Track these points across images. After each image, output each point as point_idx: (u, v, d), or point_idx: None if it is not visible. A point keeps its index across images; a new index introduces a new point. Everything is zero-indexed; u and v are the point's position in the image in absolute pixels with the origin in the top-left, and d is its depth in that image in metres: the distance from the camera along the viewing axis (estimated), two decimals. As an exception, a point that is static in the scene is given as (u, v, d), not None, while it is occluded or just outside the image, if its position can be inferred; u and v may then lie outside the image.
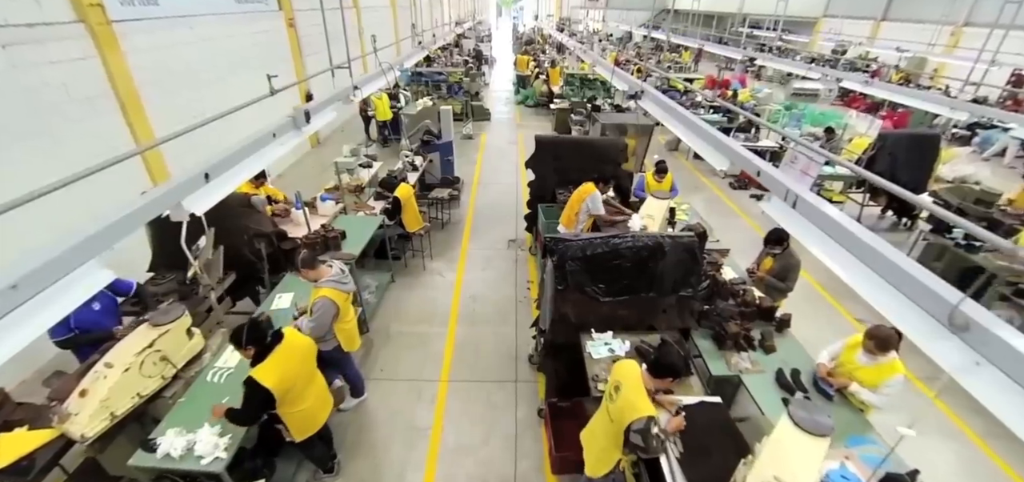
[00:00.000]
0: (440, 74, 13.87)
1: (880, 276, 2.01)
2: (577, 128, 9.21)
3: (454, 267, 6.81)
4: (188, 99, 7.41)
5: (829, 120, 15.07)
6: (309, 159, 11.45)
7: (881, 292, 1.98)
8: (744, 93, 17.50)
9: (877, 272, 2.03)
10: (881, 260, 2.01)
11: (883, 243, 2.05)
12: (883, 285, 1.99)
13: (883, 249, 2.02)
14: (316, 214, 5.86)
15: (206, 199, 2.87)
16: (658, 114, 5.38)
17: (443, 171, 8.57)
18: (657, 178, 6.32)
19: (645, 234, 3.84)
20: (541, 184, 6.55)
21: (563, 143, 6.33)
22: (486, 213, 8.45)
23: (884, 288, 1.98)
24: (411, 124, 8.73)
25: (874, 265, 2.05)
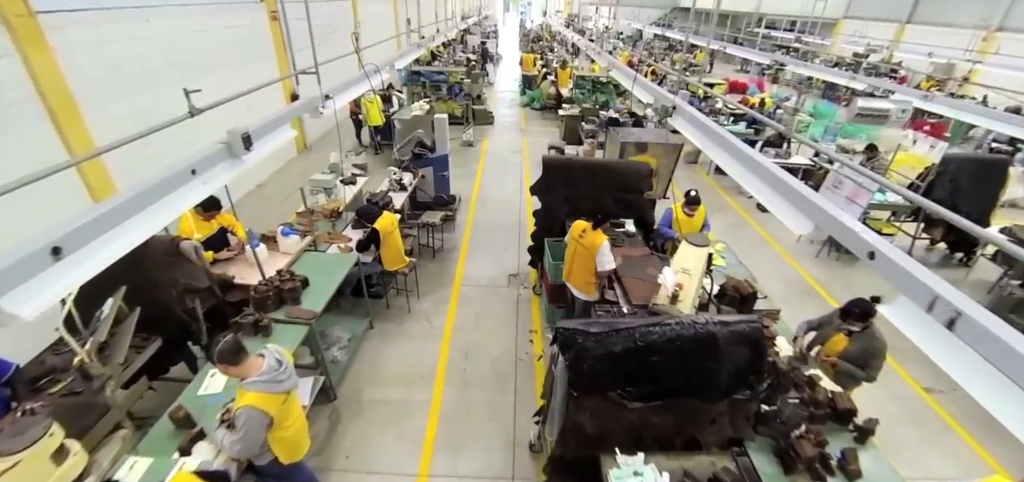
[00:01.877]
0: (440, 74, 12.83)
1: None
2: (589, 141, 8.18)
3: (444, 309, 5.82)
4: (144, 104, 6.43)
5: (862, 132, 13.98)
6: (296, 166, 10.48)
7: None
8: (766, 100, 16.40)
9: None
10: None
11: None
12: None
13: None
14: (277, 252, 4.87)
15: (43, 295, 1.88)
16: (696, 139, 4.35)
17: (437, 189, 7.57)
18: (688, 211, 5.29)
19: (690, 320, 2.83)
20: (549, 214, 5.54)
21: (576, 166, 5.31)
22: (485, 237, 7.45)
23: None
24: (403, 132, 7.73)
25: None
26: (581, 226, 4.51)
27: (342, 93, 5.18)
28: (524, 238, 7.36)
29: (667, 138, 5.99)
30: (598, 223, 4.40)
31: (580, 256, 4.51)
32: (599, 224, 4.39)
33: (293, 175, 9.86)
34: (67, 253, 1.99)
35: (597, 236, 4.35)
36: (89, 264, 2.09)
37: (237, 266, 4.68)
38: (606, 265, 4.32)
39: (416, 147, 7.31)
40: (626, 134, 6.04)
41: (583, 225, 4.50)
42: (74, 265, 2.04)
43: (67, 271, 2.00)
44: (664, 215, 5.46)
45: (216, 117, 3.42)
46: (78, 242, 2.05)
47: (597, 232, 4.38)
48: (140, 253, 2.40)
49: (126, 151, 2.58)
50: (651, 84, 5.71)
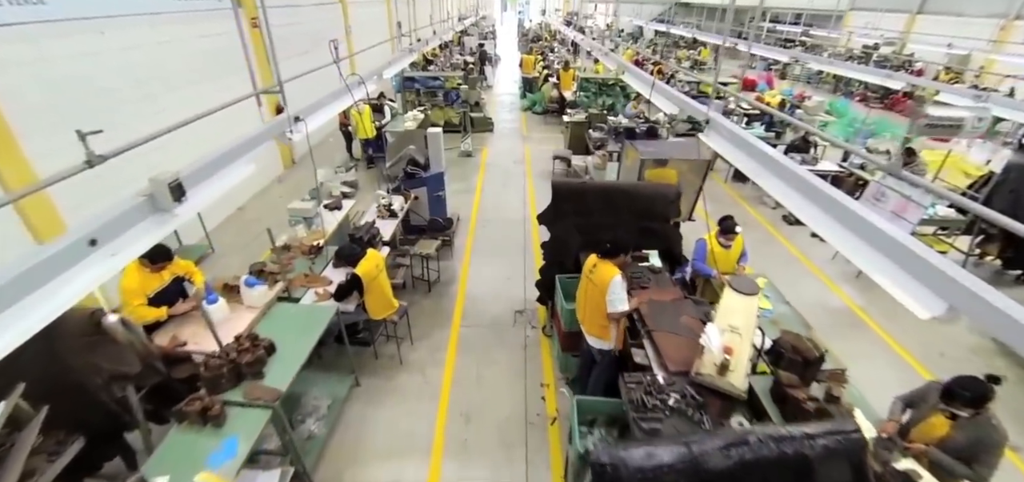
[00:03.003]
0: (436, 79, 12.08)
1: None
2: (599, 154, 7.42)
3: (441, 357, 5.06)
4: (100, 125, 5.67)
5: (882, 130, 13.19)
6: (280, 186, 9.72)
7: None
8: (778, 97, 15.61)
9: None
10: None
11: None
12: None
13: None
14: (239, 306, 4.12)
15: None
16: (740, 161, 3.60)
17: (432, 210, 6.82)
18: (723, 241, 4.54)
19: (771, 435, 2.07)
20: (560, 247, 4.79)
21: (590, 191, 4.55)
22: (486, 263, 6.69)
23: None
24: (393, 148, 6.97)
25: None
26: (593, 259, 3.78)
27: (317, 112, 4.46)
28: (530, 264, 6.63)
29: (695, 151, 5.23)
30: (609, 253, 3.66)
31: (591, 295, 3.77)
32: (611, 254, 3.65)
33: (277, 195, 9.11)
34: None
35: (607, 269, 3.61)
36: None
37: (194, 325, 3.93)
38: (617, 305, 3.57)
39: (408, 165, 6.56)
40: (644, 147, 5.29)
41: (594, 258, 3.77)
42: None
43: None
44: (696, 247, 4.70)
45: (183, 139, 3.04)
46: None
47: (607, 264, 3.63)
48: (51, 335, 1.96)
49: (74, 184, 2.29)
50: (675, 92, 4.95)
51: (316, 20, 11.68)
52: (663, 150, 5.14)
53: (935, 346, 5.38)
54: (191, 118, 3.02)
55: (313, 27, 11.51)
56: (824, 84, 22.92)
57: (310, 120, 4.35)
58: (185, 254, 6.87)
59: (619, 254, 3.66)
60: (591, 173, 7.34)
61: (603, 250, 3.67)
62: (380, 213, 5.88)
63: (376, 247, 5.10)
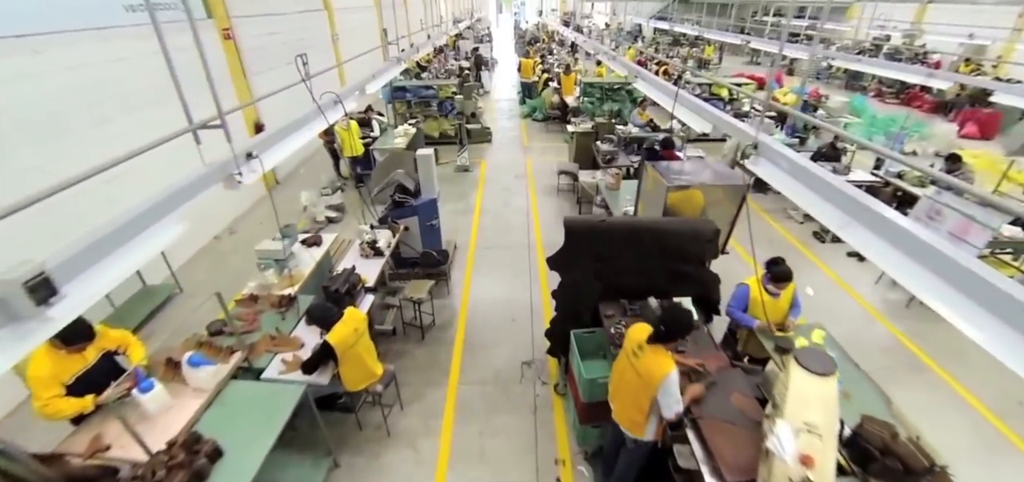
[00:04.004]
0: (428, 88, 11.30)
1: None
2: (612, 171, 6.63)
3: (436, 425, 4.30)
4: (38, 159, 4.94)
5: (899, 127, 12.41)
6: (263, 208, 8.95)
7: None
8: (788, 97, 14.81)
9: None
10: None
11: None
12: None
13: None
14: (185, 389, 3.35)
15: None
16: (799, 195, 2.86)
17: (425, 241, 6.04)
18: (771, 289, 3.76)
19: None
20: (575, 295, 4.02)
21: (611, 231, 3.77)
22: (488, 301, 5.92)
23: None
24: (379, 172, 6.20)
25: None
26: (639, 335, 2.98)
27: (278, 145, 3.70)
28: (537, 300, 5.87)
29: (732, 174, 4.45)
30: (663, 336, 2.86)
31: (631, 384, 2.98)
32: (665, 337, 2.86)
33: (258, 221, 8.36)
34: None
35: (660, 358, 2.81)
36: None
37: (135, 411, 3.15)
38: (672, 409, 2.80)
39: (395, 192, 5.79)
40: (669, 171, 4.51)
41: (641, 334, 2.97)
42: None
43: None
44: (736, 294, 3.92)
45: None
46: None
47: (659, 351, 2.84)
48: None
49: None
50: (705, 106, 4.18)
51: (299, 29, 10.93)
52: (695, 176, 4.37)
53: (1014, 393, 4.60)
54: (125, 155, 2.31)
55: (295, 36, 10.76)
56: (834, 79, 22.12)
57: (275, 151, 3.62)
58: (146, 297, 6.20)
59: (675, 337, 2.85)
60: (603, 193, 6.57)
61: (658, 332, 2.87)
62: (363, 252, 5.11)
63: (357, 299, 4.34)
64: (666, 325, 2.86)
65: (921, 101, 16.37)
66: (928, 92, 16.43)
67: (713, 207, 4.50)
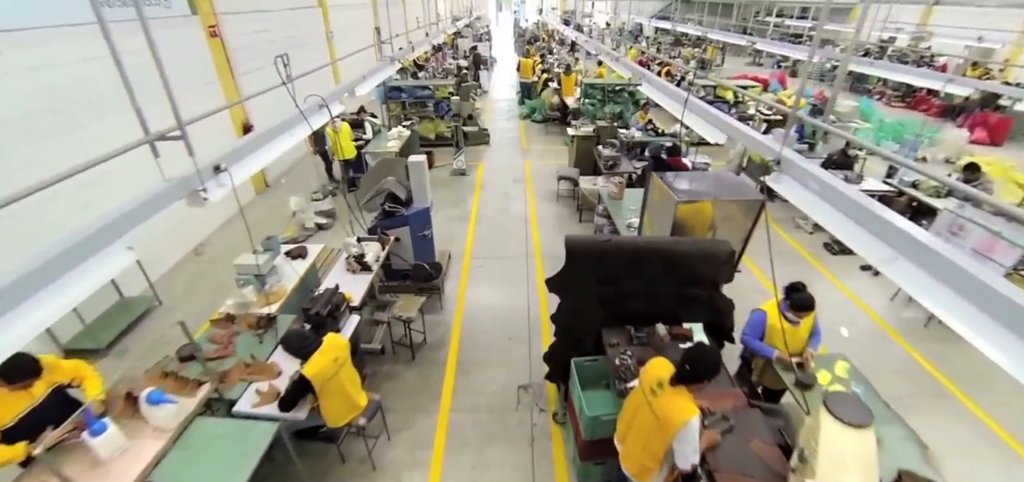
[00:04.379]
0: (425, 88, 10.96)
1: None
2: (615, 180, 6.31)
3: (425, 457, 3.98)
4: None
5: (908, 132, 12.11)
6: (250, 214, 8.58)
7: None
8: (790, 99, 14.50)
9: None
10: None
11: None
12: None
13: None
14: (144, 426, 3.01)
15: None
16: (826, 217, 2.56)
17: (417, 253, 5.72)
18: (791, 317, 3.43)
19: None
20: (576, 320, 3.70)
21: (617, 252, 3.45)
22: (483, 321, 5.59)
23: None
24: (371, 178, 5.86)
25: None
26: (660, 372, 2.66)
27: (254, 154, 3.38)
28: (535, 315, 5.55)
29: (746, 187, 4.13)
30: (687, 376, 2.55)
31: (644, 424, 2.66)
32: (690, 378, 2.54)
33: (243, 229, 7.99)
34: None
35: (682, 401, 2.50)
36: None
37: (82, 459, 2.82)
38: (688, 459, 2.48)
39: (386, 201, 5.46)
40: (679, 184, 4.19)
41: (662, 371, 2.66)
42: None
43: None
44: (751, 320, 3.61)
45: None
46: None
47: (681, 393, 2.53)
48: None
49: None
50: (719, 114, 3.85)
51: (291, 26, 10.57)
52: (705, 189, 4.05)
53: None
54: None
55: (287, 33, 10.40)
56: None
57: (248, 162, 3.29)
58: (122, 310, 5.85)
59: (701, 379, 2.53)
60: (605, 202, 6.24)
61: (679, 371, 2.55)
62: (349, 267, 4.78)
63: (341, 320, 4.01)
64: (691, 364, 2.55)
65: (928, 105, 16.08)
66: (935, 96, 16.13)
67: (725, 222, 4.19)
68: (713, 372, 2.58)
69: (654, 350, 3.47)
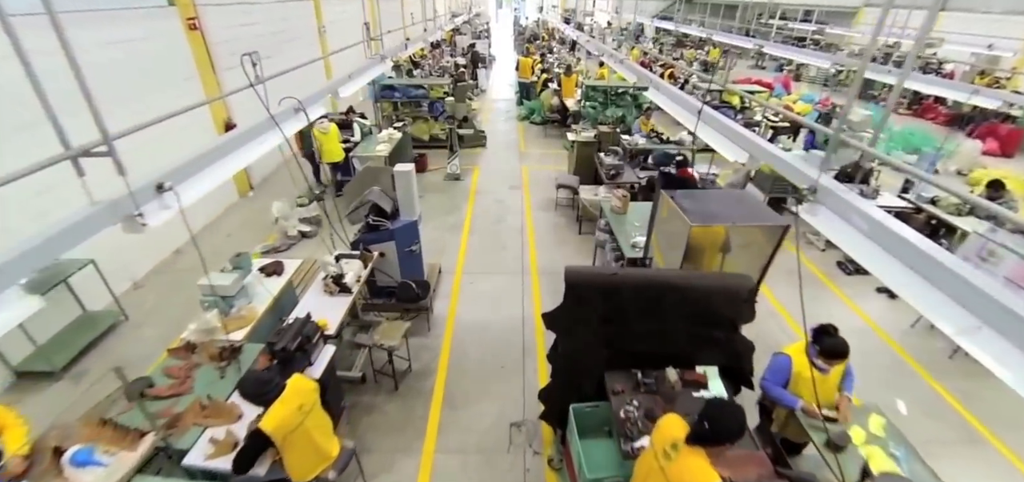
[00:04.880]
0: (419, 88, 10.51)
1: None
2: (618, 193, 5.87)
3: (406, 510, 3.56)
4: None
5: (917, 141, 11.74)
6: (232, 217, 8.16)
7: None
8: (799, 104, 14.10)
9: None
10: None
11: None
12: None
13: None
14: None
15: None
16: (877, 264, 2.17)
17: (404, 269, 5.28)
18: (820, 364, 3.02)
19: None
20: (576, 361, 3.28)
21: (623, 287, 3.03)
22: (474, 345, 5.16)
23: None
24: (355, 187, 5.42)
25: None
26: (673, 431, 2.26)
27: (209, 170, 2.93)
28: (530, 339, 5.13)
29: (762, 210, 3.71)
30: (706, 437, 2.14)
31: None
32: (709, 439, 2.14)
33: (226, 234, 7.57)
34: None
35: (699, 465, 2.10)
36: None
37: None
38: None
39: (370, 214, 5.03)
40: (691, 204, 3.76)
41: (676, 430, 2.25)
42: None
43: None
44: (773, 363, 3.20)
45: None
46: None
47: (698, 456, 2.13)
48: None
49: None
50: (741, 129, 3.42)
51: (279, 19, 10.08)
52: (721, 210, 3.63)
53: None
54: None
55: (276, 27, 9.93)
56: (841, 87, 21.42)
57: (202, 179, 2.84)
58: (84, 326, 5.37)
59: (721, 441, 2.13)
60: (607, 217, 5.82)
61: (697, 430, 2.15)
62: (327, 288, 4.34)
63: (313, 353, 3.57)
64: (711, 423, 2.15)
65: (935, 113, 15.74)
66: (942, 103, 15.79)
67: (743, 249, 3.78)
68: (736, 435, 2.18)
69: (663, 399, 3.07)
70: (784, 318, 5.69)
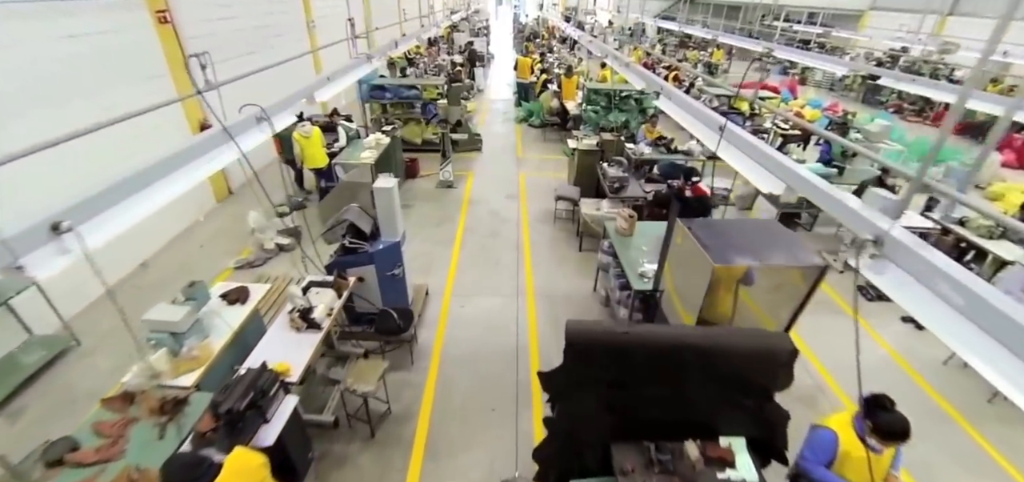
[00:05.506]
0: (411, 88, 9.95)
1: None
2: (625, 214, 5.31)
3: None
4: None
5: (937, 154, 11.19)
6: (211, 224, 7.61)
7: None
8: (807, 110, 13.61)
9: None
10: None
11: None
12: None
13: None
14: None
15: None
16: (961, 344, 1.62)
17: (385, 295, 4.75)
18: (872, 443, 2.51)
19: None
20: (577, 430, 2.76)
21: (636, 347, 2.50)
22: (463, 381, 4.64)
23: None
24: (331, 203, 4.88)
25: None
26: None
27: (130, 200, 2.39)
28: (525, 377, 4.61)
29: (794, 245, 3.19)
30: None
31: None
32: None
33: (199, 244, 7.02)
34: None
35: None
36: None
37: None
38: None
39: (347, 236, 4.49)
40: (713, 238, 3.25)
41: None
42: None
43: None
44: (812, 439, 2.69)
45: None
46: None
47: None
48: None
49: None
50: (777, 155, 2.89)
51: (263, 13, 9.49)
52: (747, 246, 3.12)
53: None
54: None
55: (260, 22, 9.35)
56: (848, 91, 20.94)
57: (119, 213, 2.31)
58: (28, 353, 4.84)
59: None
60: (611, 236, 5.29)
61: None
62: (293, 323, 3.80)
63: (269, 409, 3.03)
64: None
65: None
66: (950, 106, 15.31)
67: (771, 291, 3.26)
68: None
69: (681, 481, 2.55)
70: (809, 360, 5.12)
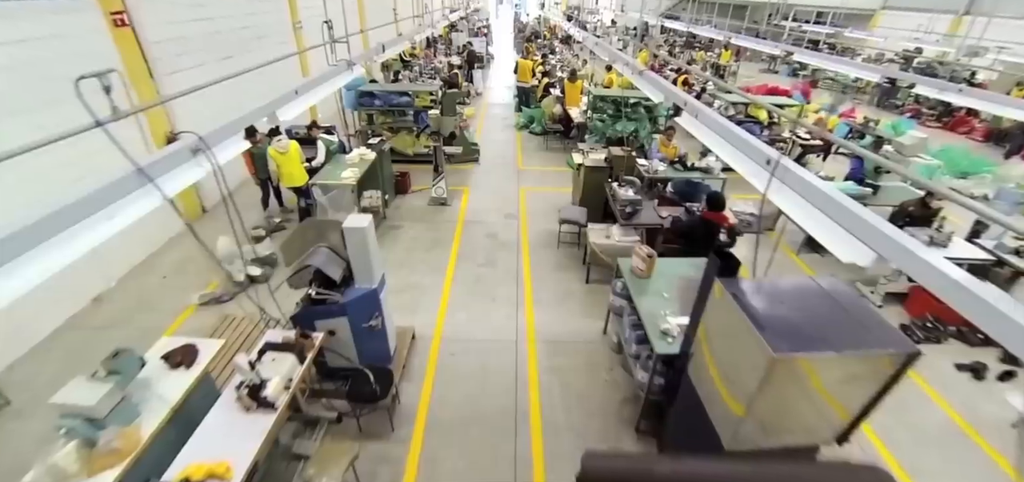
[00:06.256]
0: (403, 95, 9.23)
1: None
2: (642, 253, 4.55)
3: None
4: None
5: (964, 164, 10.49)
6: (178, 247, 6.90)
7: None
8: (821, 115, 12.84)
9: None
10: None
11: None
12: None
13: None
14: None
15: None
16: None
17: (362, 351, 4.03)
18: None
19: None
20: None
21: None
22: (451, 456, 3.92)
23: None
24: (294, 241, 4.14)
25: None
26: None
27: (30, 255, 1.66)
28: (524, 446, 3.89)
29: (876, 327, 2.47)
30: None
31: None
32: None
33: (160, 274, 6.31)
34: None
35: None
36: None
37: None
38: None
39: (313, 285, 3.77)
40: (761, 301, 2.55)
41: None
42: None
43: None
44: None
45: None
46: None
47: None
48: None
49: None
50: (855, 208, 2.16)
51: (245, 14, 8.77)
52: (812, 323, 2.41)
53: None
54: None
55: (239, 23, 8.63)
56: (861, 95, 20.18)
57: None
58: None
59: None
60: (625, 276, 4.56)
61: None
62: (241, 402, 3.08)
63: None
64: None
65: (969, 127, 14.53)
66: (975, 115, 14.58)
67: (845, 382, 2.54)
68: None
69: None
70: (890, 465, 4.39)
